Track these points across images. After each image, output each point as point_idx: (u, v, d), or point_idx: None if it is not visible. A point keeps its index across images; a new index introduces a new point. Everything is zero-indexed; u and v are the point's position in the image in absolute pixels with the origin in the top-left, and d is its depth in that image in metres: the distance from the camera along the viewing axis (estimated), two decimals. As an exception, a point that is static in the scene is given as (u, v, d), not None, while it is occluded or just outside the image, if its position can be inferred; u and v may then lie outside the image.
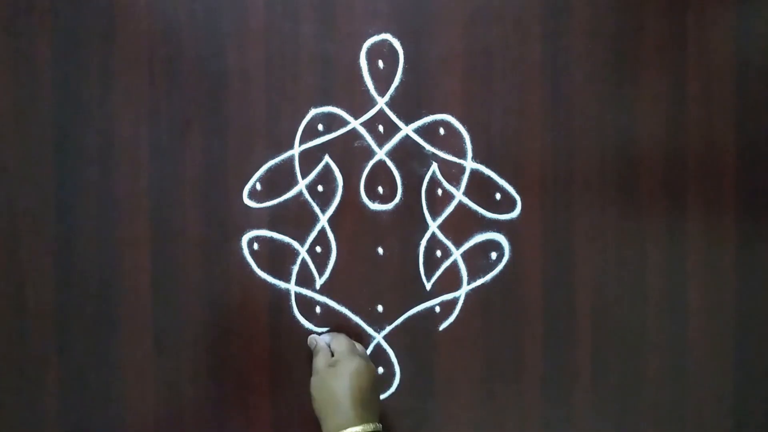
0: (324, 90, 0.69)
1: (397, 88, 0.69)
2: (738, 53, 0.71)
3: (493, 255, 0.70)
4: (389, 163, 0.69)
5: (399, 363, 0.70)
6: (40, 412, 0.69)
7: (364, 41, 0.69)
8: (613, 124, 0.70)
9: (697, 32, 0.70)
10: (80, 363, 0.69)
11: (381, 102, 0.69)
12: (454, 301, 0.70)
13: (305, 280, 0.70)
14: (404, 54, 0.69)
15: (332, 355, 0.64)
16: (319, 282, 0.70)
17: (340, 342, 0.64)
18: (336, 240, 0.69)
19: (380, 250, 0.70)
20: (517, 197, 0.70)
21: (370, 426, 0.57)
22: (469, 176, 0.70)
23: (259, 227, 0.69)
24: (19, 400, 0.69)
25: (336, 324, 0.70)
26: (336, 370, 0.60)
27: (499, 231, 0.70)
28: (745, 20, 0.70)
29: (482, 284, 0.70)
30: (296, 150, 0.69)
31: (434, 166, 0.70)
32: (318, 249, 0.69)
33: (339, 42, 0.69)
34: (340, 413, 0.57)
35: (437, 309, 0.70)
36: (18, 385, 0.68)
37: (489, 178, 0.70)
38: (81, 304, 0.68)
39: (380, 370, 0.70)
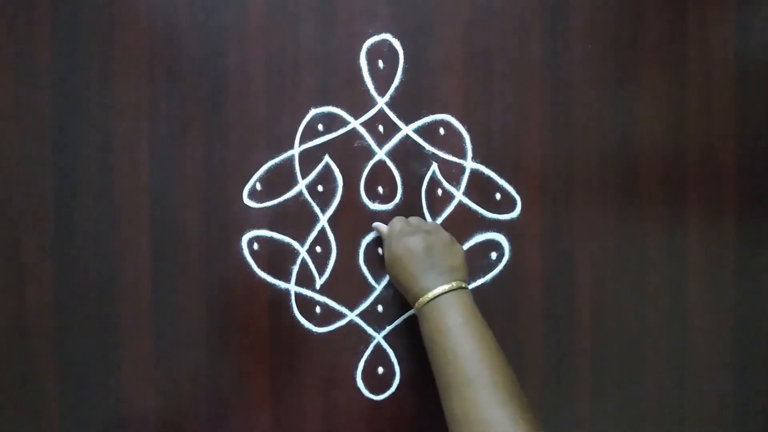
0: (324, 90, 0.69)
1: (397, 88, 0.69)
2: (738, 53, 0.71)
3: (493, 255, 0.70)
4: (389, 163, 0.69)
5: (399, 363, 0.70)
6: (40, 412, 0.69)
7: (364, 41, 0.69)
8: (613, 124, 0.70)
9: (697, 32, 0.70)
10: (80, 363, 0.69)
11: (381, 102, 0.69)
12: (454, 301, 0.70)
13: (305, 280, 0.70)
14: (404, 54, 0.69)
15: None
16: (319, 282, 0.70)
17: (390, 228, 0.64)
18: (336, 240, 0.69)
19: (380, 250, 0.70)
20: (517, 197, 0.70)
21: (440, 288, 0.57)
22: (469, 176, 0.70)
23: (259, 227, 0.69)
24: (19, 400, 0.69)
25: (336, 324, 0.70)
26: (388, 255, 0.62)
27: (499, 231, 0.70)
28: (745, 20, 0.70)
29: (482, 284, 0.70)
30: (296, 150, 0.69)
31: (434, 166, 0.70)
32: (318, 249, 0.69)
33: (339, 42, 0.69)
34: (409, 291, 0.59)
35: (437, 309, 0.70)
36: (18, 385, 0.68)
37: (489, 178, 0.70)
38: (81, 304, 0.68)
39: (380, 370, 0.70)
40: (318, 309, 0.70)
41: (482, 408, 0.51)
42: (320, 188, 0.69)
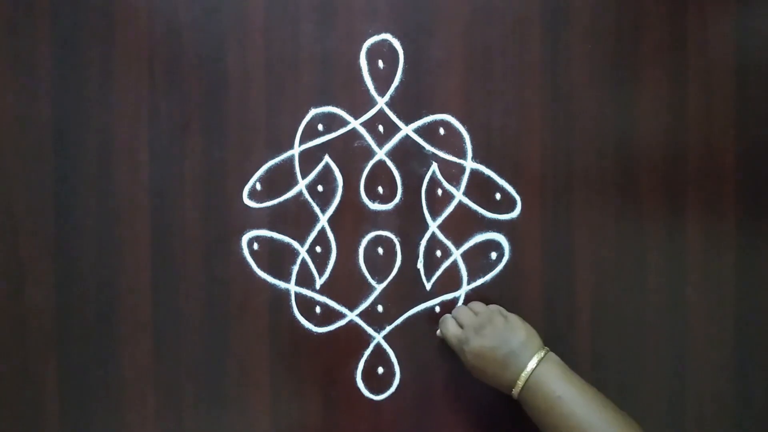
0: (324, 90, 0.69)
1: (397, 88, 0.69)
2: (738, 53, 0.71)
3: (493, 255, 0.70)
4: (389, 163, 0.69)
5: (399, 363, 0.70)
6: (40, 413, 0.69)
7: (364, 41, 0.69)
8: (613, 124, 0.70)
9: (697, 32, 0.70)
10: (80, 363, 0.69)
11: (381, 102, 0.69)
12: (454, 301, 0.70)
13: (305, 280, 0.70)
14: (404, 54, 0.69)
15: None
16: (319, 282, 0.70)
17: (447, 338, 0.65)
18: (336, 240, 0.69)
19: (380, 250, 0.70)
20: (517, 197, 0.70)
21: (528, 368, 0.59)
22: (469, 176, 0.70)
23: (259, 227, 0.69)
24: (19, 400, 0.69)
25: (336, 324, 0.70)
26: (466, 367, 0.63)
27: (499, 231, 0.70)
28: (745, 20, 0.70)
29: (482, 284, 0.70)
30: (296, 150, 0.69)
31: (434, 166, 0.70)
32: (318, 249, 0.69)
33: (339, 42, 0.69)
34: (502, 386, 0.60)
35: (437, 309, 0.70)
36: (18, 385, 0.68)
37: (489, 178, 0.70)
38: (81, 304, 0.68)
39: (380, 370, 0.70)
40: (318, 309, 0.70)
41: None
42: (320, 188, 0.69)
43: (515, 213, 0.70)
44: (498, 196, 0.70)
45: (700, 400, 0.71)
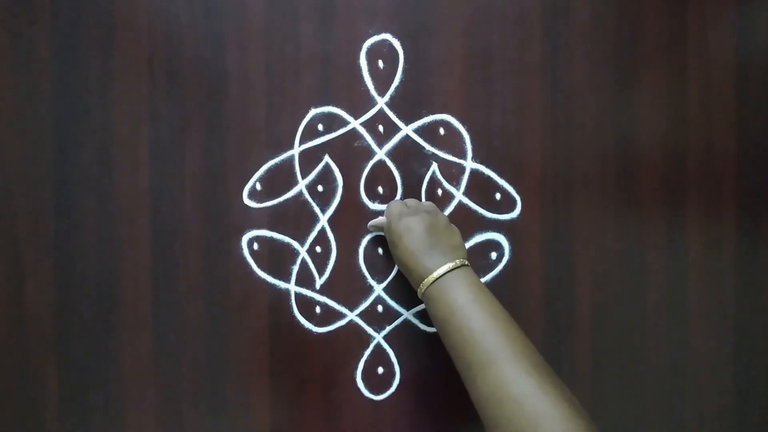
0: (324, 90, 0.69)
1: (397, 88, 0.69)
2: (738, 53, 0.71)
3: (493, 255, 0.70)
4: (389, 163, 0.69)
5: (399, 363, 0.70)
6: (40, 413, 0.69)
7: (364, 41, 0.69)
8: (613, 124, 0.70)
9: (697, 32, 0.70)
10: (80, 363, 0.69)
11: (381, 102, 0.69)
12: (454, 301, 0.70)
13: (305, 280, 0.70)
14: (404, 54, 0.69)
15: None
16: (319, 282, 0.70)
17: (388, 212, 0.63)
18: (336, 240, 0.69)
19: (380, 250, 0.70)
20: (517, 197, 0.70)
21: (444, 267, 0.57)
22: (469, 176, 0.70)
23: (259, 227, 0.69)
24: (19, 400, 0.69)
25: (336, 324, 0.70)
26: (390, 237, 0.61)
27: (499, 231, 0.70)
28: (745, 20, 0.70)
29: (482, 284, 0.70)
30: (296, 150, 0.69)
31: (434, 166, 0.70)
32: (318, 249, 0.69)
33: (339, 42, 0.69)
34: (413, 271, 0.58)
35: (437, 309, 0.70)
36: (18, 385, 0.68)
37: (489, 178, 0.70)
38: (81, 304, 0.68)
39: (380, 370, 0.70)
40: (318, 309, 0.70)
41: (509, 383, 0.49)
42: (320, 188, 0.69)
43: (515, 213, 0.70)
44: (498, 196, 0.70)
45: (700, 400, 0.71)
